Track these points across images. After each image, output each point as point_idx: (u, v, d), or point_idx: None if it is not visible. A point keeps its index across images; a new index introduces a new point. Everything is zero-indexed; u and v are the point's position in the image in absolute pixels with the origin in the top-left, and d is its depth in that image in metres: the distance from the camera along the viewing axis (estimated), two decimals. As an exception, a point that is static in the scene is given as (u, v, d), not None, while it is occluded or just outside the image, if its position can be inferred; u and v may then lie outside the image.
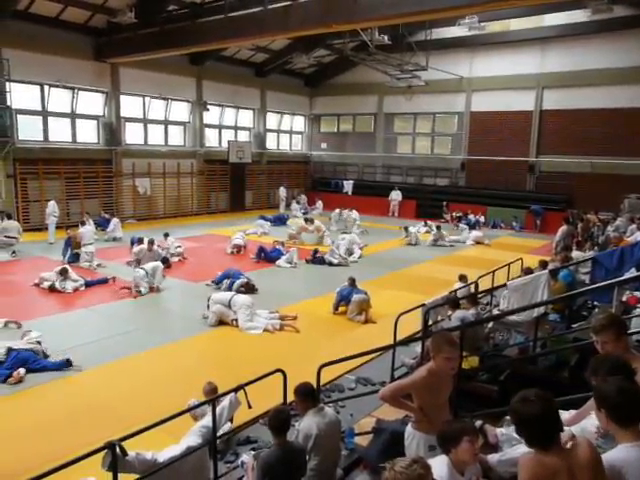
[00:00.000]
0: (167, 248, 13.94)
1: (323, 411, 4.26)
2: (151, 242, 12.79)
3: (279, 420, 3.88)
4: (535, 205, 21.78)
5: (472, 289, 9.24)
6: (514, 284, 7.16)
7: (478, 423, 3.63)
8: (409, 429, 3.72)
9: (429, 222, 20.29)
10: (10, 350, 7.09)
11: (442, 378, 3.69)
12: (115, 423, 5.53)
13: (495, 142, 23.57)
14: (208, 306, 9.32)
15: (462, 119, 24.75)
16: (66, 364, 7.17)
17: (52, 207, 16.30)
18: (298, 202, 25.81)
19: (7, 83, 16.54)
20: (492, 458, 3.38)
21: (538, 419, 2.43)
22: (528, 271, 8.56)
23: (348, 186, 27.28)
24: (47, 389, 6.70)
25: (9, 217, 14.91)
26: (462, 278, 9.84)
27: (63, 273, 11.04)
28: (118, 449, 3.52)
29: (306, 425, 4.15)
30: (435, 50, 21.66)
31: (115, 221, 17.17)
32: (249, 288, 10.90)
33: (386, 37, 18.19)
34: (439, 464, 2.85)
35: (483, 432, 3.59)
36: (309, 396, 4.24)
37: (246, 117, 26.45)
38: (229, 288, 10.68)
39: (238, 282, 10.89)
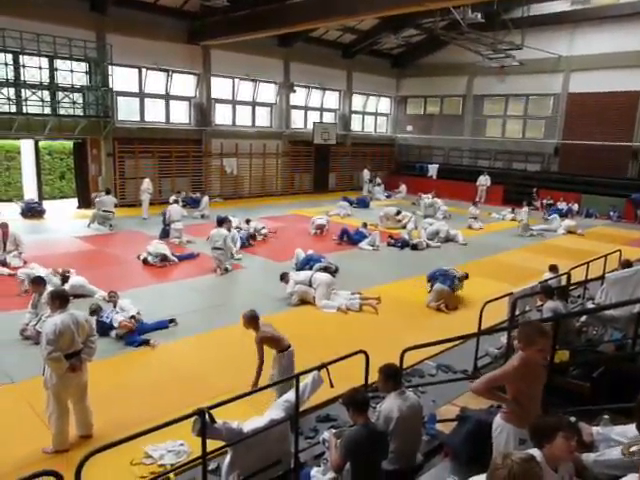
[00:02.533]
0: (247, 230, 14.22)
1: (405, 394, 4.23)
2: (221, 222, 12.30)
3: (355, 399, 3.89)
4: (637, 194, 20.21)
5: (563, 280, 8.76)
6: (614, 277, 6.71)
7: (572, 420, 3.45)
8: (498, 420, 3.60)
9: (516, 209, 19.45)
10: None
11: (535, 368, 3.54)
12: (202, 391, 5.79)
13: (594, 125, 22.05)
14: (286, 280, 9.54)
15: (558, 101, 23.34)
16: (169, 323, 7.94)
17: (147, 184, 17.23)
18: (375, 184, 25.45)
19: (109, 67, 17.54)
20: (587, 458, 3.20)
21: None
22: (627, 264, 7.97)
23: (433, 170, 26.66)
24: (140, 355, 7.13)
25: (108, 192, 15.91)
26: (553, 268, 9.34)
27: (163, 260, 11.62)
28: (207, 416, 3.67)
29: (387, 407, 4.14)
30: (532, 27, 20.46)
31: (205, 199, 17.86)
32: (329, 273, 10.86)
33: (479, 15, 17.41)
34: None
35: (577, 430, 3.40)
36: (392, 378, 4.22)
37: (332, 98, 26.44)
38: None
39: (318, 265, 10.92)
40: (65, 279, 9.03)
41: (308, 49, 23.51)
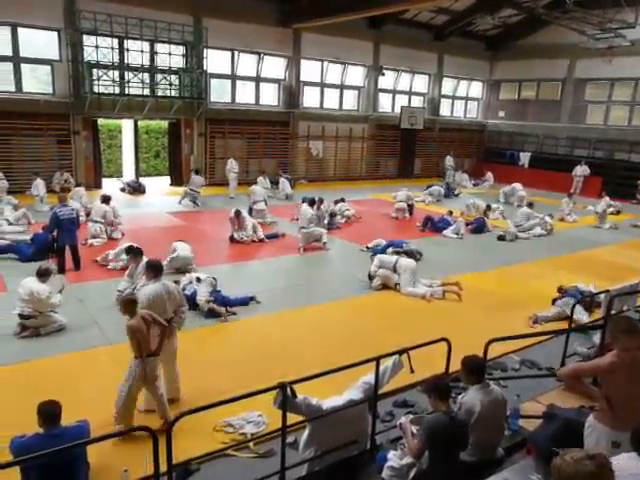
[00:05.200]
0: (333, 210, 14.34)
1: (488, 388, 4.11)
2: (314, 202, 12.69)
3: (437, 386, 3.89)
4: None
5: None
6: None
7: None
8: (591, 419, 3.40)
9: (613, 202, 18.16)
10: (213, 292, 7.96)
11: (634, 367, 3.30)
12: (282, 366, 5.91)
13: None
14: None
15: (672, 86, 21.41)
16: (250, 300, 8.10)
17: (230, 164, 17.79)
18: (453, 169, 24.57)
19: (204, 50, 18.13)
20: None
21: None
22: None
23: (525, 158, 25.38)
24: (223, 328, 7.42)
25: (197, 172, 16.64)
26: (655, 266, 8.68)
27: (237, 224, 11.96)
28: (289, 390, 3.76)
29: (469, 400, 4.05)
30: (647, 3, 18.80)
31: (282, 180, 18.18)
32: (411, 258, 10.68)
33: (587, -9, 16.29)
34: (633, 460, 2.57)
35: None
36: (476, 371, 4.10)
37: (421, 82, 25.82)
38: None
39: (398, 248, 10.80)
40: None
41: (399, 31, 23.00)
